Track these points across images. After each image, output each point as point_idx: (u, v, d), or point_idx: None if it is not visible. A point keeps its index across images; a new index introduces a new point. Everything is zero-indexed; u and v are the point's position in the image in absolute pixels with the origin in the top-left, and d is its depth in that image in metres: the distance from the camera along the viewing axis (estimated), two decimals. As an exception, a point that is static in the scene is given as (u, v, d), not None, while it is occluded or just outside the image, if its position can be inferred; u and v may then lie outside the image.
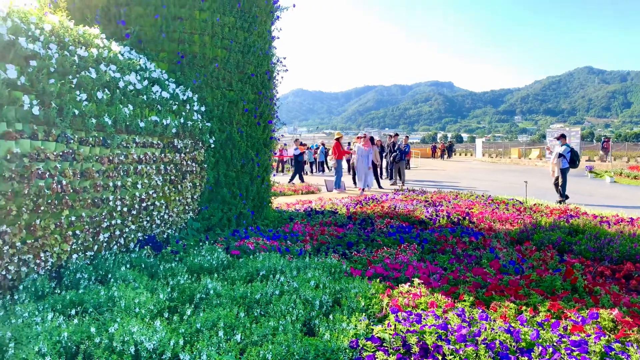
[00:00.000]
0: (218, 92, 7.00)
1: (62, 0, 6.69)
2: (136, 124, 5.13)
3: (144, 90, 5.45)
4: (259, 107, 7.70)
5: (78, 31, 5.12)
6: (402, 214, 8.68)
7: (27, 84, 3.88)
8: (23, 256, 3.98)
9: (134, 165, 5.25)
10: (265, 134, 8.03)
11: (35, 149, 3.93)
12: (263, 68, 7.71)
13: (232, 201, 7.36)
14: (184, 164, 6.32)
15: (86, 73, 4.56)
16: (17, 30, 4.11)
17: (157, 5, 6.53)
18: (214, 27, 6.86)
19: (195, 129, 6.48)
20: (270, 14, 7.91)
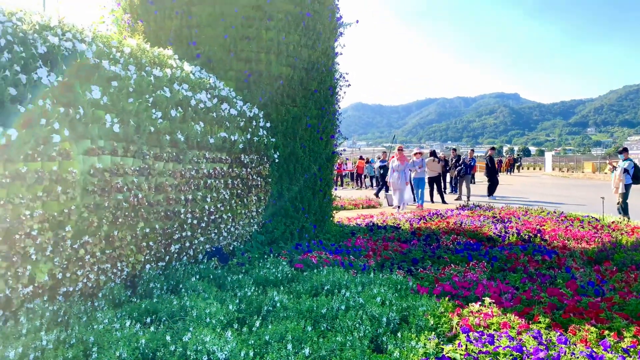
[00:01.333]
0: (282, 109, 7.16)
1: (139, 24, 7.13)
2: (206, 140, 5.33)
3: (214, 107, 5.66)
4: (322, 122, 7.78)
5: (153, 53, 5.43)
6: (469, 231, 8.41)
7: (109, 103, 4.15)
8: (102, 265, 4.21)
9: (204, 179, 5.44)
10: (327, 148, 8.09)
11: (115, 164, 4.18)
12: (326, 84, 7.81)
13: (295, 215, 7.44)
14: (249, 179, 6.48)
15: (161, 92, 4.81)
16: (101, 53, 4.41)
17: (226, 26, 6.80)
18: (279, 45, 7.05)
19: (261, 145, 6.64)
20: (334, 30, 8.02)
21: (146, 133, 4.48)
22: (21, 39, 3.61)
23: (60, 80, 3.72)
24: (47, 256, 3.61)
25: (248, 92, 6.91)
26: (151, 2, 7.01)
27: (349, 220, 10.57)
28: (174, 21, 6.92)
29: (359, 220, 10.53)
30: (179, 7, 6.89)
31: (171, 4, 6.92)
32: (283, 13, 7.05)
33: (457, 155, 19.65)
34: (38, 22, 3.95)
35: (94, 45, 4.33)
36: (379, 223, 9.61)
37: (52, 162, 3.56)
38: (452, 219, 9.96)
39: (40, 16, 4.08)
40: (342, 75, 8.33)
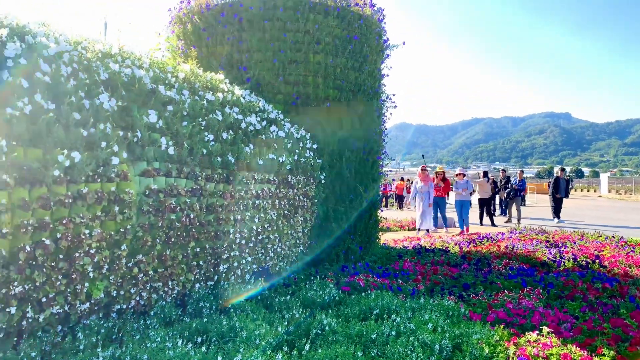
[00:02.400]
0: (328, 130, 7.20)
1: (192, 50, 7.41)
2: (255, 162, 5.42)
3: (263, 130, 5.76)
4: (368, 143, 7.77)
5: (206, 77, 5.61)
6: (522, 255, 8.09)
7: (164, 126, 4.30)
8: (154, 284, 4.31)
9: (253, 200, 5.52)
10: (373, 169, 8.05)
11: (169, 185, 4.30)
12: (373, 105, 7.81)
13: (341, 236, 7.40)
14: (296, 199, 6.52)
15: (213, 116, 4.94)
16: (157, 79, 4.60)
17: (275, 51, 6.96)
18: (326, 68, 7.13)
19: (308, 166, 6.69)
20: (380, 53, 8.06)
21: (199, 155, 4.60)
22: (85, 67, 3.82)
23: (119, 105, 3.89)
24: (104, 274, 3.73)
25: (296, 114, 7.00)
26: (204, 30, 7.28)
27: (395, 242, 10.41)
28: (225, 47, 7.14)
29: (405, 242, 10.35)
30: (230, 34, 7.11)
31: (222, 31, 7.16)
32: (331, 37, 7.15)
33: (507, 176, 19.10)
34: (100, 50, 4.17)
35: (151, 71, 4.52)
36: (426, 246, 9.42)
37: (110, 183, 3.71)
38: (503, 243, 9.63)
39: (102, 44, 4.31)
40: (389, 96, 8.32)
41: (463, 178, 14.92)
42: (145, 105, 4.26)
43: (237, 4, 7.09)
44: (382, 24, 8.03)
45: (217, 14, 7.20)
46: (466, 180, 14.90)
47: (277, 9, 6.96)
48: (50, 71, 3.39)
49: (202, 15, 7.36)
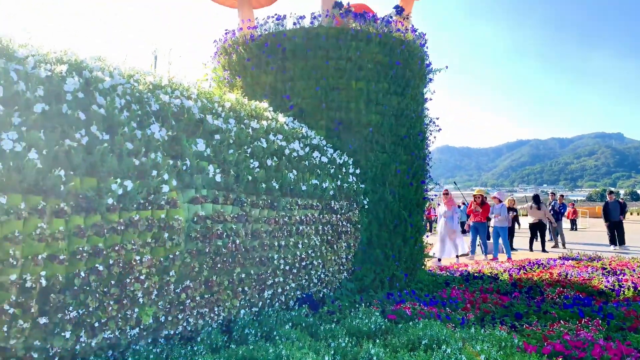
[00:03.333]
0: (372, 155, 7.18)
1: (237, 80, 7.62)
2: (299, 187, 5.45)
3: (306, 156, 5.81)
4: (412, 167, 7.68)
5: (251, 106, 5.74)
6: (576, 283, 7.70)
7: (212, 154, 4.41)
8: (201, 309, 4.36)
9: (296, 226, 5.53)
10: (417, 194, 7.93)
11: (216, 211, 4.37)
12: (416, 129, 7.75)
13: (385, 262, 7.28)
14: (339, 225, 6.49)
15: (258, 143, 5.03)
16: (205, 108, 4.74)
17: (317, 79, 7.06)
18: (369, 94, 7.16)
19: (350, 191, 6.66)
20: (423, 77, 8.03)
21: (244, 182, 4.68)
22: (137, 98, 3.99)
23: (169, 135, 4.03)
24: (153, 300, 3.80)
25: (338, 139, 7.03)
26: (248, 60, 7.49)
27: (441, 268, 10.15)
28: (268, 76, 7.31)
29: (451, 268, 10.08)
30: (273, 63, 7.28)
31: (266, 60, 7.34)
32: (373, 63, 7.20)
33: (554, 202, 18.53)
34: (151, 82, 4.36)
35: (199, 102, 4.67)
36: (474, 272, 9.12)
37: (160, 211, 3.81)
38: (555, 270, 9.20)
39: (153, 76, 4.50)
40: (432, 120, 8.25)
41: (499, 203, 13.91)
42: (194, 134, 4.39)
43: (280, 34, 7.28)
44: (424, 48, 8.02)
45: (261, 44, 7.40)
46: (502, 204, 14.07)
47: (320, 38, 7.09)
48: (105, 104, 3.56)
49: (246, 46, 7.58)
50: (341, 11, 7.17)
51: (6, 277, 2.83)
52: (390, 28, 7.39)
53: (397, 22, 7.61)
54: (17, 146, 2.82)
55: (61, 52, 3.78)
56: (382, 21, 7.38)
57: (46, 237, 3.00)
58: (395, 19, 7.70)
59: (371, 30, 7.19)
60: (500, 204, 13.86)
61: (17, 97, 3.06)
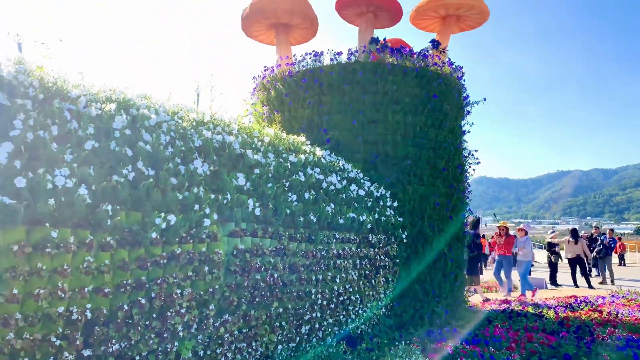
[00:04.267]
0: (410, 188, 7.12)
1: (276, 115, 7.77)
2: (336, 221, 5.44)
3: (343, 189, 5.81)
4: (451, 200, 7.56)
5: (289, 140, 5.83)
6: (628, 323, 7.28)
7: (251, 188, 4.47)
8: (239, 344, 4.34)
9: (334, 259, 5.49)
10: (457, 228, 7.78)
11: (255, 245, 4.40)
12: (454, 162, 7.67)
13: (424, 298, 7.11)
14: (377, 259, 6.41)
15: (296, 176, 5.08)
16: (245, 143, 4.84)
17: (354, 112, 7.13)
18: (406, 127, 7.17)
19: (388, 224, 6.60)
20: (461, 109, 8.00)
21: (283, 215, 4.71)
22: (181, 135, 4.11)
23: (211, 169, 4.12)
24: (192, 333, 3.82)
25: (375, 172, 7.02)
26: (286, 95, 7.66)
27: (482, 304, 9.81)
28: (306, 110, 7.44)
29: (494, 305, 9.72)
30: (311, 98, 7.41)
31: (304, 95, 7.48)
32: (409, 96, 7.23)
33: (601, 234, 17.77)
34: (194, 118, 4.49)
35: (239, 137, 4.78)
36: (517, 310, 8.77)
37: (201, 244, 3.86)
38: (605, 308, 8.75)
39: (196, 113, 4.65)
40: (471, 152, 8.16)
41: (524, 235, 12.94)
42: (234, 168, 4.47)
43: (317, 70, 7.43)
44: (462, 81, 8.01)
45: (299, 80, 7.56)
46: (526, 237, 13.24)
47: (357, 73, 7.19)
48: (151, 140, 3.69)
49: (284, 82, 7.77)
50: (378, 46, 7.28)
51: (54, 309, 2.90)
52: (426, 62, 7.43)
53: (434, 56, 7.66)
54: (68, 182, 2.94)
55: (110, 90, 3.97)
56: (418, 55, 7.44)
57: (92, 270, 3.08)
58: (432, 53, 7.75)
59: (408, 64, 7.25)
60: (524, 237, 13.09)
61: (70, 135, 3.22)
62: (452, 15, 8.56)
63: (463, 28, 9.02)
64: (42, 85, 3.36)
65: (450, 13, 8.49)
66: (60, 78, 3.61)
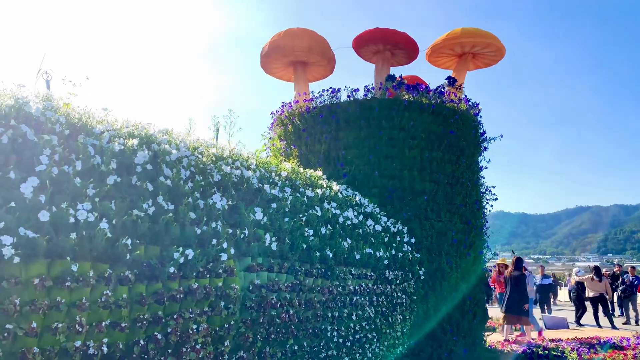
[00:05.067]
0: (427, 224, 7.07)
1: (292, 149, 7.86)
2: (353, 256, 5.40)
3: (359, 224, 5.79)
4: (469, 237, 7.48)
5: (306, 174, 5.87)
6: (656, 366, 6.99)
7: (268, 223, 4.48)
8: (253, 382, 4.25)
9: (350, 296, 5.42)
10: (475, 265, 7.67)
11: (271, 280, 4.38)
12: (472, 198, 7.63)
13: (442, 337, 6.95)
14: (394, 296, 6.31)
15: (313, 211, 5.08)
16: (263, 178, 4.88)
17: (370, 147, 7.19)
18: (422, 162, 7.20)
19: (405, 261, 6.52)
20: (478, 146, 8.03)
21: (299, 250, 4.69)
22: (201, 170, 4.17)
23: (229, 204, 4.15)
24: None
25: (391, 207, 7.00)
26: (303, 130, 7.76)
27: (502, 344, 9.52)
28: (323, 145, 7.51)
29: (514, 345, 9.42)
30: (327, 133, 7.50)
31: (321, 130, 7.58)
32: (426, 132, 7.29)
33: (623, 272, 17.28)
34: (214, 153, 4.56)
35: (257, 172, 4.83)
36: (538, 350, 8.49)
37: (218, 279, 3.85)
38: (629, 351, 8.42)
39: (215, 148, 4.72)
40: (489, 188, 8.12)
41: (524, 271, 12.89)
42: (252, 203, 4.50)
43: (334, 106, 7.54)
44: (478, 117, 8.06)
45: (316, 115, 7.67)
46: (528, 272, 12.80)
47: (373, 109, 7.28)
48: (171, 175, 3.75)
49: (302, 117, 7.89)
50: (394, 83, 7.39)
51: (71, 343, 2.90)
52: (443, 99, 7.51)
53: (450, 93, 7.73)
54: (90, 216, 2.98)
55: (133, 126, 4.07)
56: (435, 92, 7.52)
57: (110, 304, 3.08)
58: (448, 90, 7.83)
59: (424, 100, 7.33)
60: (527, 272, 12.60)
61: (93, 170, 3.29)
62: (468, 53, 8.68)
63: (479, 65, 9.12)
64: (68, 122, 3.47)
65: (466, 51, 8.62)
66: (85, 114, 3.72)
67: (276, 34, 8.76)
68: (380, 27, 8.19)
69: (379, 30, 8.07)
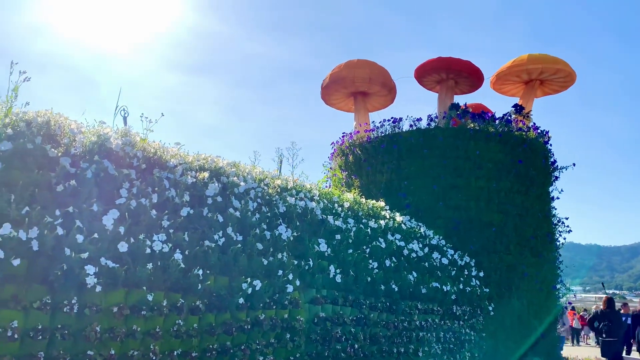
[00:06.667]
0: (495, 257, 6.79)
1: (353, 179, 7.85)
2: (419, 290, 5.24)
3: (425, 257, 5.64)
4: (541, 271, 7.10)
5: (368, 205, 5.81)
6: None
7: (332, 254, 4.45)
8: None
9: (416, 331, 5.24)
10: (548, 300, 7.24)
11: (335, 313, 4.31)
12: (543, 230, 7.27)
13: (514, 378, 6.54)
14: (462, 332, 6.04)
15: (376, 243, 5.00)
16: (326, 209, 4.89)
17: (434, 177, 7.05)
18: (489, 193, 6.98)
19: (474, 295, 6.25)
20: (548, 175, 7.68)
21: (363, 283, 4.62)
22: (267, 201, 4.25)
23: (294, 235, 4.17)
24: (272, 404, 3.72)
25: (457, 239, 6.78)
26: (364, 160, 7.75)
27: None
28: (384, 175, 7.45)
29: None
30: (389, 163, 7.45)
31: (382, 160, 7.54)
32: (493, 162, 7.07)
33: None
34: (279, 185, 4.64)
35: (321, 203, 4.85)
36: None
37: (284, 310, 3.85)
38: None
39: (280, 180, 4.80)
40: (561, 220, 7.70)
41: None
42: (315, 234, 4.50)
43: (396, 135, 7.50)
44: (548, 145, 7.74)
45: (377, 145, 7.65)
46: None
47: (437, 138, 7.17)
48: (240, 206, 3.83)
49: (362, 147, 7.89)
50: (458, 112, 7.26)
51: (145, 372, 2.96)
52: (510, 127, 7.29)
53: (518, 121, 7.50)
54: (164, 247, 3.09)
55: (203, 159, 4.22)
56: (501, 120, 7.32)
57: (182, 333, 3.14)
58: (515, 118, 7.59)
59: (490, 129, 7.14)
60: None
61: (167, 202, 3.42)
62: (535, 80, 8.41)
63: (547, 92, 8.81)
64: (144, 156, 3.65)
65: (533, 77, 8.36)
66: (160, 148, 3.91)
67: (337, 66, 8.90)
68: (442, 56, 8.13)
69: (442, 59, 8.01)
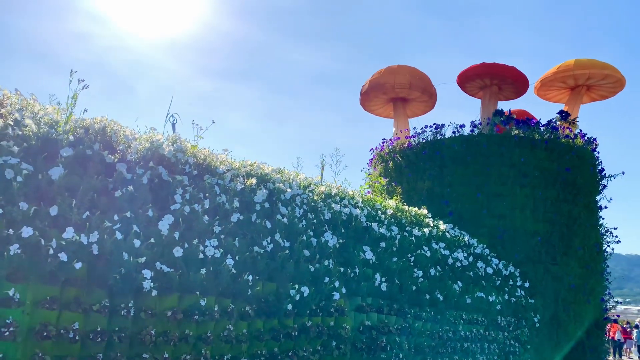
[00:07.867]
0: (540, 267, 6.61)
1: (394, 186, 7.78)
2: (464, 300, 5.15)
3: (470, 266, 5.54)
4: (588, 283, 6.86)
5: (411, 212, 5.75)
6: None
7: (377, 262, 4.42)
8: None
9: (460, 342, 5.15)
10: (596, 313, 6.98)
11: (380, 322, 4.28)
12: (590, 240, 7.03)
13: (560, 392, 6.33)
14: (506, 344, 5.90)
15: (421, 251, 4.94)
16: (370, 216, 4.86)
17: (478, 185, 6.92)
18: (535, 201, 6.80)
19: (519, 306, 6.10)
20: (596, 184, 7.43)
21: (408, 292, 4.56)
22: (312, 208, 4.26)
23: (339, 242, 4.16)
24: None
25: (502, 249, 6.62)
26: (405, 167, 7.68)
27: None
28: (426, 182, 7.36)
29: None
30: (431, 170, 7.36)
31: (424, 166, 7.46)
32: (539, 170, 6.90)
33: None
34: (323, 192, 4.64)
35: (365, 210, 4.82)
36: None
37: (330, 318, 3.84)
38: None
39: (324, 187, 4.80)
40: (609, 230, 7.42)
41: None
42: (360, 241, 4.48)
43: (438, 142, 7.40)
44: (596, 153, 7.49)
45: (418, 152, 7.57)
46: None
47: (481, 145, 7.04)
48: (287, 213, 3.85)
49: (403, 154, 7.81)
50: (502, 118, 7.11)
51: (197, 376, 3.00)
52: (556, 134, 7.09)
53: (564, 128, 7.29)
54: (216, 252, 3.14)
55: (250, 166, 4.27)
56: (546, 127, 7.13)
57: (232, 338, 3.18)
58: (561, 124, 7.39)
59: (536, 136, 6.97)
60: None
61: (219, 208, 3.48)
62: (582, 86, 8.17)
63: (594, 98, 8.53)
64: (195, 162, 3.73)
65: (580, 83, 8.11)
66: (210, 155, 3.98)
67: (376, 72, 8.87)
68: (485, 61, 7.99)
69: (486, 65, 7.87)
